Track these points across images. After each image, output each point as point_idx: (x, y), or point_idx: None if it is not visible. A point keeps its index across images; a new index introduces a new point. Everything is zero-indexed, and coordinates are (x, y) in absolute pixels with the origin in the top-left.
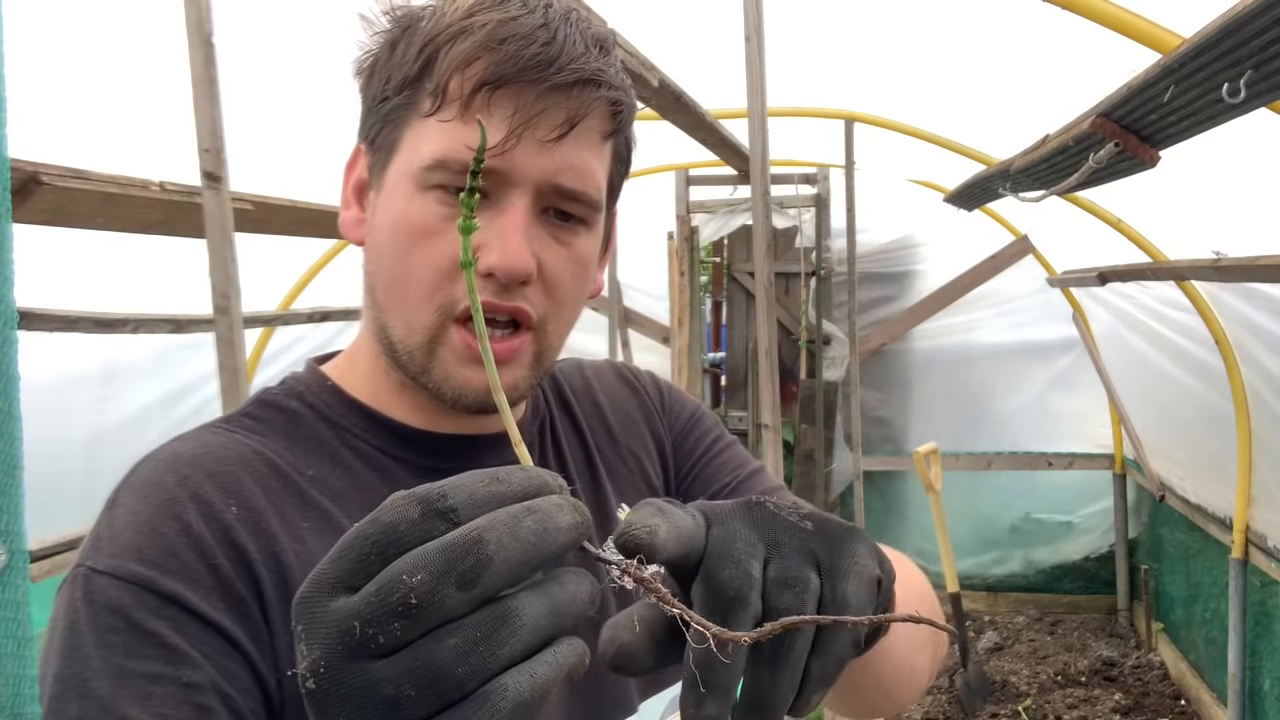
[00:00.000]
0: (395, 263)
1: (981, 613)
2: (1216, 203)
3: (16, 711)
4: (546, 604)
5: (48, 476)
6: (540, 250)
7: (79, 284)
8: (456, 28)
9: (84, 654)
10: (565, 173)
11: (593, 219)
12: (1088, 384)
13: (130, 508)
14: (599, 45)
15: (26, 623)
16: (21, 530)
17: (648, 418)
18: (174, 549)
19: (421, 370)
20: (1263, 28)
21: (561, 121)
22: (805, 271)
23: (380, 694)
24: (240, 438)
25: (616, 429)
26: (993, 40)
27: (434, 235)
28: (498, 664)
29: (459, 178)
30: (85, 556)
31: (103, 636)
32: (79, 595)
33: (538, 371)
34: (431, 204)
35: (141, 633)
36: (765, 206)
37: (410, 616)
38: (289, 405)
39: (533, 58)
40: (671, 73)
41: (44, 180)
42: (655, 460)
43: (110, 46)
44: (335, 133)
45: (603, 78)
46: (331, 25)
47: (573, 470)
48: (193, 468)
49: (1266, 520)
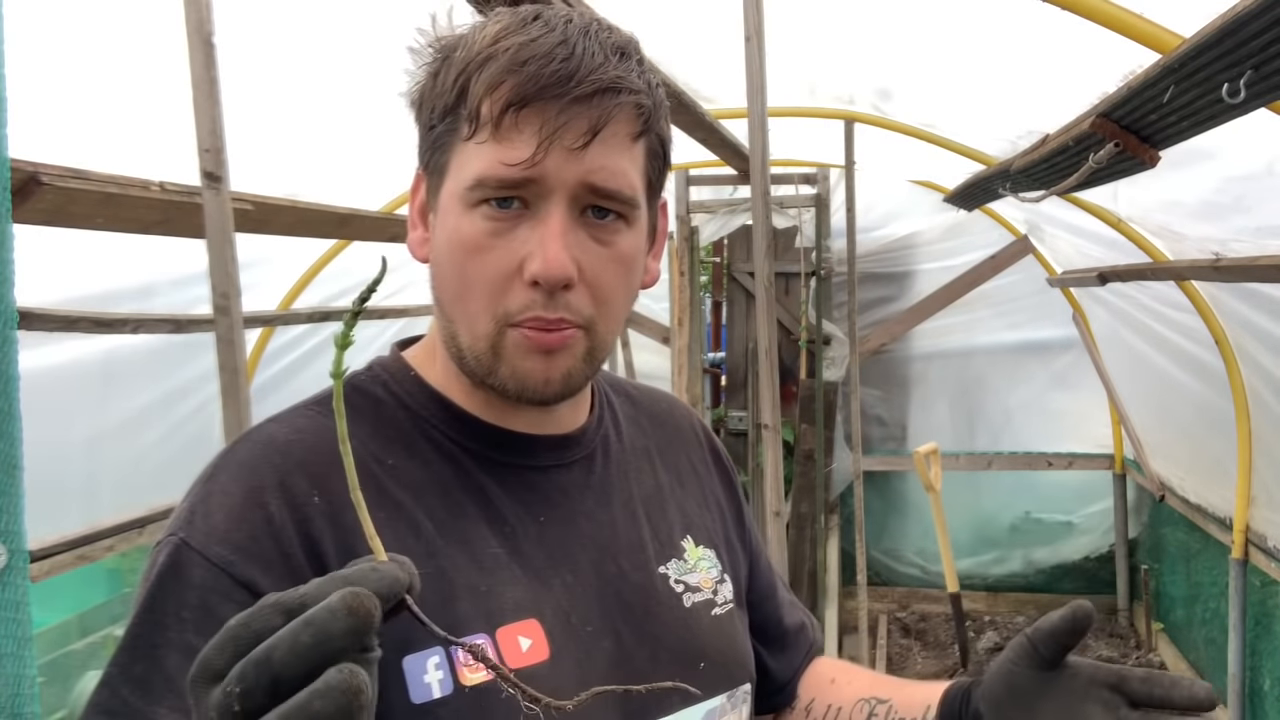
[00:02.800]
0: (454, 277)
1: (981, 613)
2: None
3: (16, 711)
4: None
5: (48, 476)
6: (580, 254)
7: (79, 284)
8: (484, 54)
9: (160, 621)
10: (597, 173)
11: (631, 215)
12: (1088, 384)
13: (224, 488)
14: (619, 53)
15: (26, 623)
16: (21, 530)
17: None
18: (255, 535)
19: (489, 372)
20: (1263, 28)
21: (585, 130)
22: (805, 271)
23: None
24: (330, 422)
25: (677, 447)
26: (992, 40)
27: (484, 250)
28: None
29: (498, 192)
30: (180, 526)
31: (180, 610)
32: (167, 564)
33: (591, 365)
34: (479, 220)
35: (211, 615)
36: (765, 206)
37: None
38: (374, 392)
39: (553, 75)
40: (671, 73)
41: (44, 180)
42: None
43: (110, 46)
44: (335, 133)
45: (622, 84)
46: (331, 25)
47: (632, 476)
48: (283, 456)
49: (1266, 520)
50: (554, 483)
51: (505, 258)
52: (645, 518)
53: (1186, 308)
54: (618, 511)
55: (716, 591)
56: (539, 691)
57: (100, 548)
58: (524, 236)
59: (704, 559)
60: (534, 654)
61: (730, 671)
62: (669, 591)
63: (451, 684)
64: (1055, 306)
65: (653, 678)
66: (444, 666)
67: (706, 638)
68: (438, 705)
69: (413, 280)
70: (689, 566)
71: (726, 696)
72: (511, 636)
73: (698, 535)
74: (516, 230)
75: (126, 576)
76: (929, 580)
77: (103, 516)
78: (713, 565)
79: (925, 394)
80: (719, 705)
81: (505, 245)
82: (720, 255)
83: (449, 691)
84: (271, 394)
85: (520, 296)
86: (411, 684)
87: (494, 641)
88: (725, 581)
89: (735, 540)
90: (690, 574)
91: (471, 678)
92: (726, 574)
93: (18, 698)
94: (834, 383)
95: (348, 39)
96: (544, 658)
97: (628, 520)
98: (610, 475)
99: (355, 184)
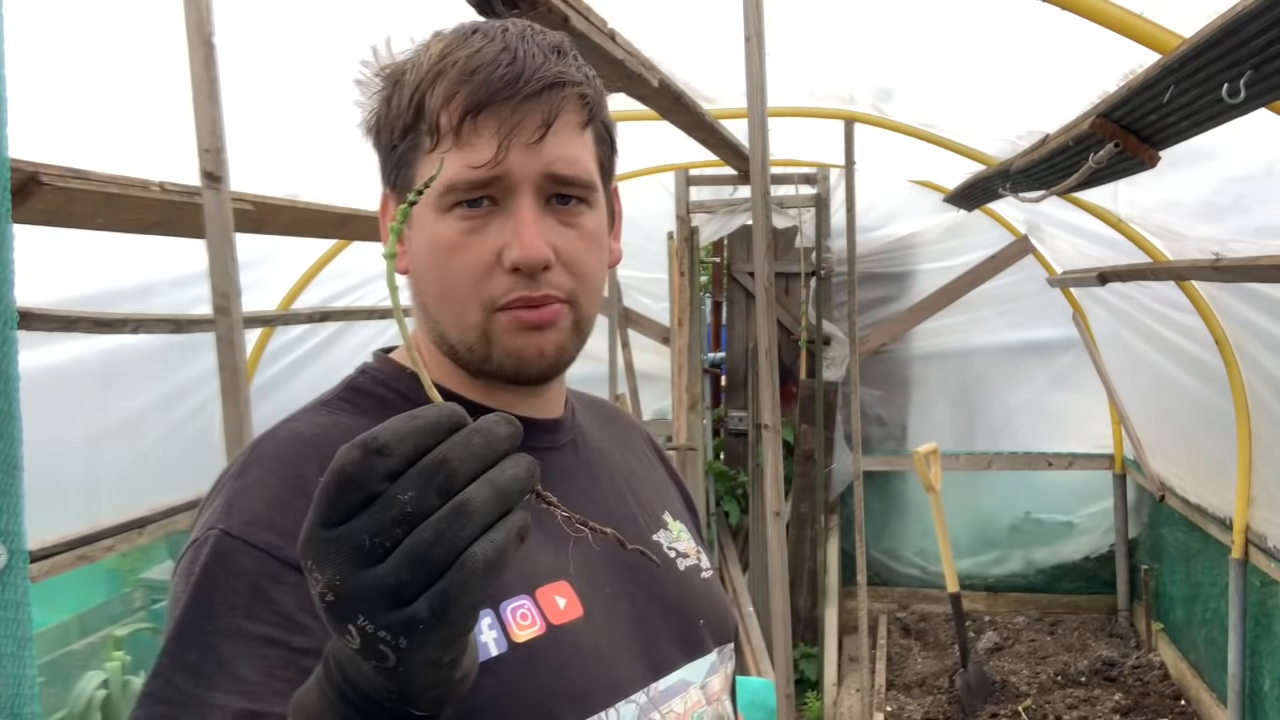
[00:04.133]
0: (438, 277)
1: (981, 613)
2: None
3: (16, 711)
4: (492, 489)
5: (48, 476)
6: (553, 238)
7: (79, 284)
8: (434, 71)
9: (210, 609)
10: (556, 163)
11: (591, 198)
12: (1088, 384)
13: (260, 480)
14: (556, 51)
15: (26, 623)
16: (21, 530)
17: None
18: (301, 521)
19: (484, 358)
20: (1263, 28)
21: (539, 124)
22: (805, 271)
23: (385, 584)
24: (344, 419)
25: (629, 444)
26: (992, 40)
27: (462, 247)
28: (464, 541)
29: (468, 194)
30: (217, 520)
31: (228, 598)
32: (212, 555)
33: (579, 337)
34: (453, 222)
35: (263, 598)
36: (765, 206)
37: (407, 522)
38: (377, 391)
39: (501, 78)
40: (671, 72)
41: (44, 180)
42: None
43: (110, 46)
44: (335, 133)
45: (565, 78)
46: (331, 26)
47: (609, 460)
48: (315, 447)
49: (1266, 520)
50: (551, 463)
51: (483, 251)
52: (631, 494)
53: (1186, 308)
54: (607, 489)
55: (699, 558)
56: (580, 643)
57: (100, 548)
58: (497, 230)
59: (683, 531)
60: (570, 611)
61: (722, 629)
62: (665, 558)
63: (505, 642)
64: (1055, 306)
65: (662, 635)
66: (496, 626)
67: (700, 598)
68: (495, 663)
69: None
70: (674, 536)
71: (717, 651)
72: (549, 596)
73: (673, 512)
74: (489, 225)
75: (126, 576)
76: (929, 580)
77: (103, 516)
78: (690, 537)
79: (925, 394)
80: (713, 660)
81: (481, 241)
82: (720, 255)
83: (504, 649)
84: (271, 394)
85: (502, 282)
86: None
87: (535, 600)
88: (702, 552)
89: (692, 525)
90: (677, 542)
91: (521, 635)
92: (700, 546)
93: (18, 698)
94: (834, 383)
95: (348, 39)
96: (579, 614)
97: (616, 497)
98: (593, 457)
99: (355, 184)
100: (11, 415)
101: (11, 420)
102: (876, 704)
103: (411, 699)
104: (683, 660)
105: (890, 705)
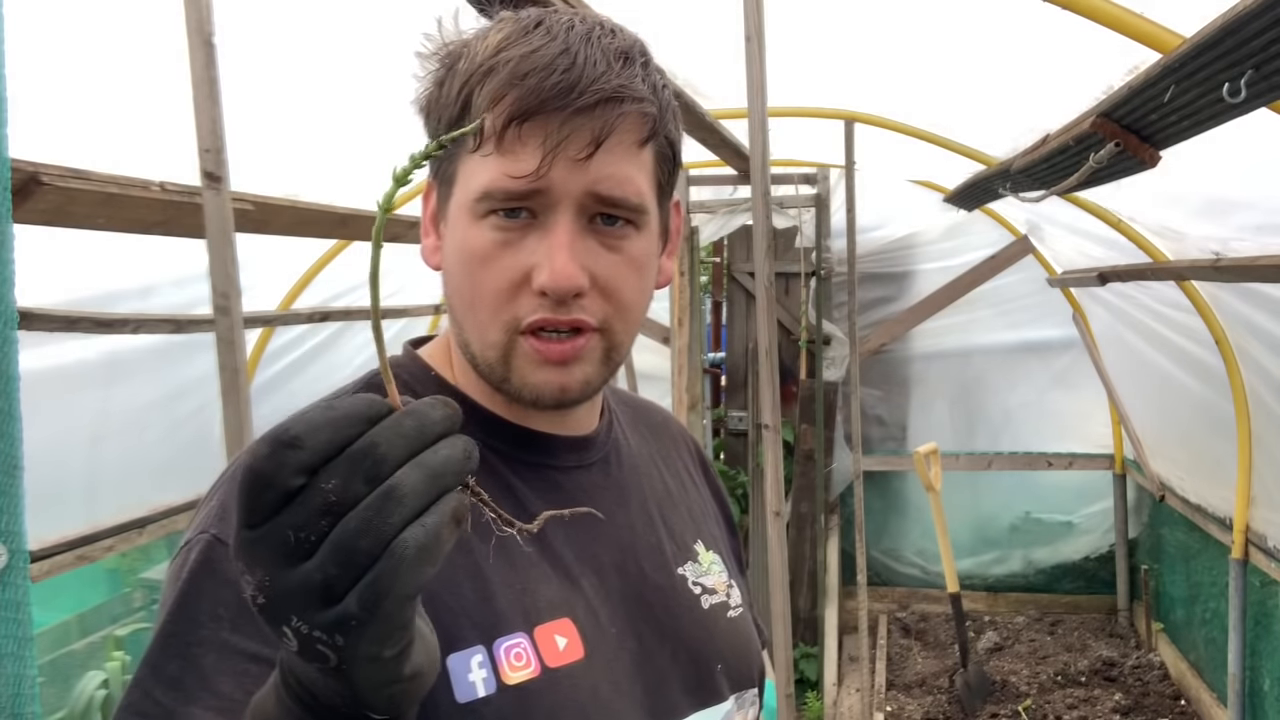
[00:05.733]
0: (465, 286)
1: (981, 613)
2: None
3: (17, 711)
4: (423, 472)
5: (48, 476)
6: (591, 262)
7: (79, 284)
8: (486, 66)
9: (194, 619)
10: (602, 183)
11: (640, 220)
12: (1088, 384)
13: None
14: (623, 58)
15: (26, 623)
16: (21, 530)
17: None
18: None
19: (502, 380)
20: (1263, 28)
21: (589, 141)
22: (805, 271)
23: (313, 581)
24: None
25: (671, 454)
26: (992, 40)
27: (492, 260)
28: (393, 528)
29: (505, 204)
30: (211, 524)
31: (215, 608)
32: (201, 561)
33: (609, 367)
34: (487, 231)
35: (249, 612)
36: (765, 206)
37: (332, 513)
38: None
39: (553, 87)
40: (672, 72)
41: (44, 180)
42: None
43: (110, 46)
44: (335, 133)
45: (625, 93)
46: (331, 25)
47: (644, 479)
48: None
49: (1266, 520)
50: (576, 483)
51: (514, 268)
52: (660, 520)
53: (1187, 308)
54: (635, 513)
55: (729, 595)
56: (576, 688)
57: (100, 548)
58: (532, 246)
59: (714, 563)
60: (570, 652)
61: (743, 674)
62: (688, 593)
63: (495, 683)
64: (1055, 306)
65: (672, 677)
66: (487, 665)
67: (723, 640)
68: (481, 704)
69: (412, 280)
70: (703, 569)
71: (735, 699)
72: (549, 635)
73: (706, 540)
74: (525, 240)
75: (126, 576)
76: (929, 580)
77: (103, 516)
78: (722, 570)
79: (925, 394)
80: (728, 709)
81: (513, 255)
82: (720, 255)
83: (492, 690)
84: (272, 394)
85: (529, 303)
86: (456, 683)
87: (532, 639)
88: (734, 586)
89: (730, 550)
90: (705, 576)
91: (514, 677)
92: (734, 579)
93: (18, 698)
94: (834, 383)
95: (348, 39)
96: (579, 656)
97: (645, 522)
98: (625, 477)
99: (355, 184)
100: (11, 415)
101: (11, 420)
102: (876, 704)
103: (364, 700)
104: (691, 708)
105: (890, 705)
